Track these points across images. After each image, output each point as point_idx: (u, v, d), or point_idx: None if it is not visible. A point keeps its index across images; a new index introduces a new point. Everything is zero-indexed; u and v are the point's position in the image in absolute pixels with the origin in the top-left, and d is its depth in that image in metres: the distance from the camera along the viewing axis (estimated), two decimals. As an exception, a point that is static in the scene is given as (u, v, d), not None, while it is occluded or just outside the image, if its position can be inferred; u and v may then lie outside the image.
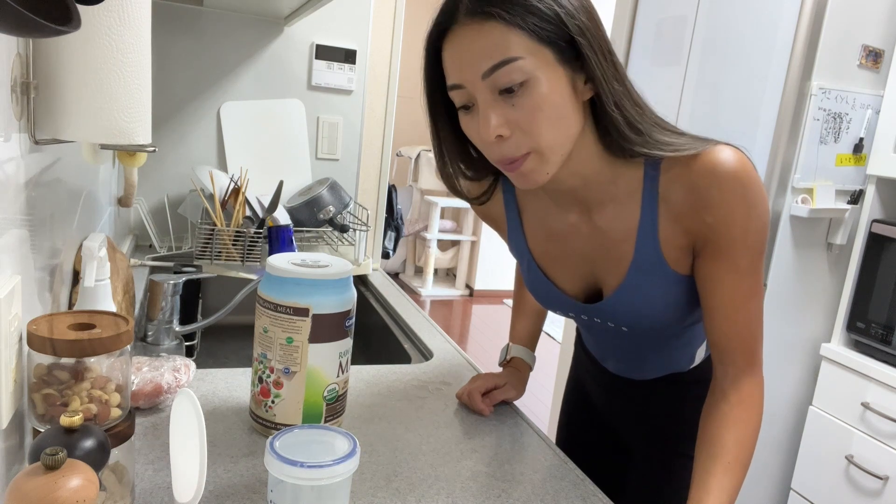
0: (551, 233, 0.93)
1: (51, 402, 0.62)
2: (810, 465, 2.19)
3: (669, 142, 0.78)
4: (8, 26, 0.46)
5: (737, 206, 0.77)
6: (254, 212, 1.69)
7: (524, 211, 0.95)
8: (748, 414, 0.82)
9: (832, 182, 2.10)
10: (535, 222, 0.95)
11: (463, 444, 0.93)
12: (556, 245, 0.93)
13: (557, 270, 0.94)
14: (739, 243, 0.79)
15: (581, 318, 0.96)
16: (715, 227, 0.79)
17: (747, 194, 0.77)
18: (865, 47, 2.03)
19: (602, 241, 0.88)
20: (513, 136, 0.75)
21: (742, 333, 0.82)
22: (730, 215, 0.78)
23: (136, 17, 0.69)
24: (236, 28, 1.89)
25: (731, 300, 0.81)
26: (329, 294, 0.84)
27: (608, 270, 0.89)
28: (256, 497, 0.75)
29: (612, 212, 0.85)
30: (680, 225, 0.81)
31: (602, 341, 1.07)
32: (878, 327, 2.03)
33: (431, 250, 5.37)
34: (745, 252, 0.80)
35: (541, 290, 0.97)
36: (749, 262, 0.80)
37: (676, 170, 0.79)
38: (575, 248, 0.91)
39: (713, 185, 0.77)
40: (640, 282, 0.86)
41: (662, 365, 1.02)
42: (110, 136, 0.70)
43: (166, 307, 1.21)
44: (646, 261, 0.84)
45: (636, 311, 0.88)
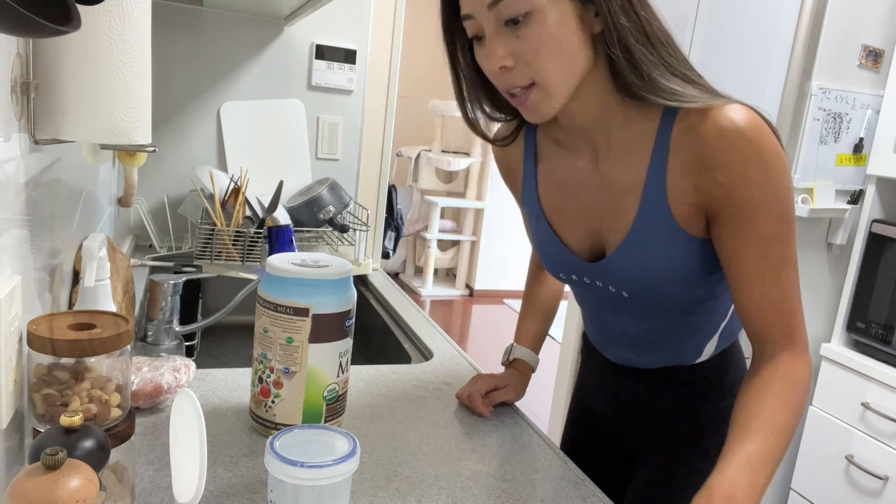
0: (561, 184, 0.91)
1: (51, 402, 0.62)
2: (810, 465, 2.19)
3: (676, 91, 0.75)
4: (8, 26, 0.46)
5: (750, 166, 0.73)
6: (254, 212, 1.69)
7: (541, 161, 0.94)
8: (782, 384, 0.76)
9: (832, 182, 2.10)
10: (548, 173, 0.93)
11: (463, 444, 0.93)
12: (565, 197, 0.91)
13: (565, 226, 0.92)
14: (759, 206, 0.75)
15: (584, 283, 0.94)
16: (729, 188, 0.75)
17: (761, 153, 0.73)
18: (865, 47, 2.03)
19: (609, 192, 0.85)
20: (516, 67, 0.75)
21: (776, 307, 0.77)
22: (744, 175, 0.74)
23: (136, 17, 0.69)
24: (236, 28, 1.89)
25: (759, 270, 0.76)
26: (329, 294, 0.84)
27: (613, 226, 0.86)
28: (256, 497, 0.75)
29: (621, 160, 0.83)
30: (690, 181, 0.78)
31: (603, 319, 1.02)
32: (878, 327, 2.03)
33: (431, 250, 5.37)
34: (768, 216, 0.75)
35: (547, 247, 0.95)
36: (775, 228, 0.75)
37: (689, 122, 0.76)
38: (582, 200, 0.89)
39: (722, 143, 0.74)
40: (643, 237, 0.82)
41: (666, 351, 0.97)
42: (110, 136, 0.70)
43: (166, 307, 1.21)
44: (651, 213, 0.81)
45: (638, 270, 0.84)
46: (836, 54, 2.00)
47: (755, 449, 0.72)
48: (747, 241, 0.76)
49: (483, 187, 5.47)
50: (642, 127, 0.80)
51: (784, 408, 0.75)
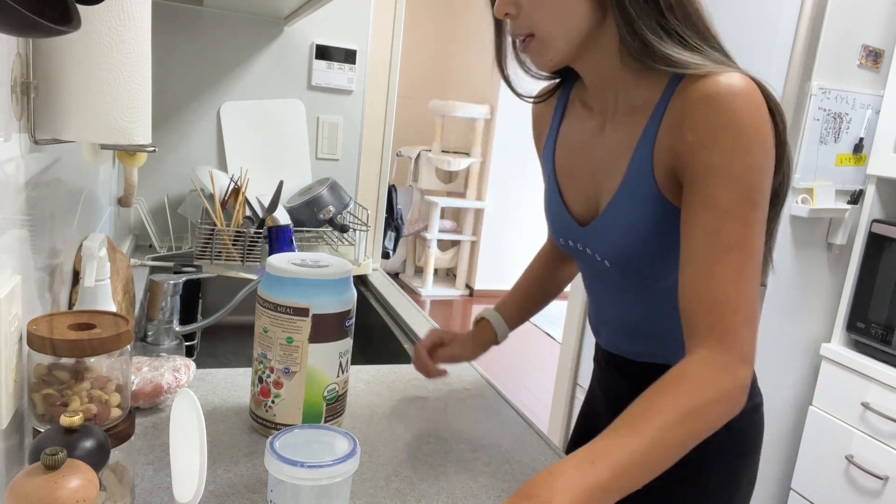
0: (574, 144, 0.91)
1: (51, 402, 0.62)
2: (810, 465, 2.19)
3: (673, 57, 0.73)
4: (8, 26, 0.46)
5: (721, 130, 0.69)
6: (254, 212, 1.69)
7: (564, 121, 0.95)
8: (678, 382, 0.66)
9: (832, 182, 2.10)
10: (567, 132, 0.94)
11: (463, 444, 0.93)
12: (575, 157, 0.91)
13: (570, 187, 0.92)
14: (721, 174, 0.69)
15: (578, 250, 0.92)
16: (694, 148, 0.71)
17: (737, 120, 0.69)
18: (865, 47, 2.03)
19: (608, 153, 0.84)
20: (518, 16, 0.78)
21: (711, 293, 0.68)
22: (712, 137, 0.70)
23: (136, 17, 0.69)
24: (236, 28, 1.89)
25: (704, 246, 0.69)
26: (329, 294, 0.84)
27: (606, 188, 0.84)
28: (256, 497, 0.75)
29: (624, 122, 0.82)
30: (668, 140, 0.75)
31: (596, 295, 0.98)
32: (878, 327, 2.03)
33: (431, 250, 5.37)
34: (728, 187, 0.69)
35: (551, 208, 0.94)
36: (732, 201, 0.69)
37: (685, 86, 0.74)
38: (587, 161, 0.88)
39: (700, 103, 0.71)
40: (627, 200, 0.80)
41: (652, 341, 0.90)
42: (110, 136, 0.70)
43: (166, 307, 1.21)
44: (636, 176, 0.79)
45: (618, 236, 0.82)
46: (836, 54, 2.00)
47: (604, 445, 0.63)
48: (701, 209, 0.70)
49: (483, 187, 5.47)
50: (649, 91, 0.79)
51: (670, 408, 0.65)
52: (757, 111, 0.70)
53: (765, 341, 2.13)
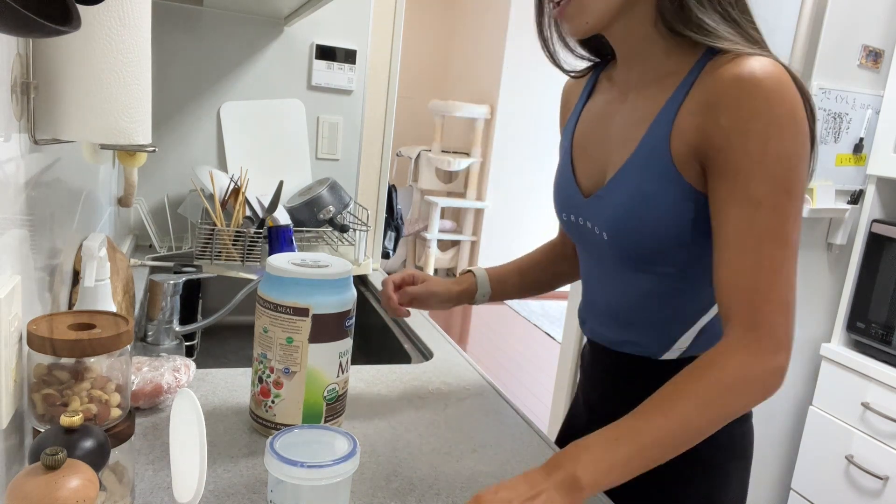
0: (595, 117, 0.91)
1: (51, 402, 0.62)
2: (810, 465, 2.19)
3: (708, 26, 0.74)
4: (8, 26, 0.46)
5: (756, 117, 0.69)
6: (254, 212, 1.69)
7: (593, 94, 0.95)
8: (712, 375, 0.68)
9: (832, 182, 2.10)
10: (590, 108, 0.94)
11: (463, 444, 0.93)
12: (590, 129, 0.91)
13: (582, 158, 0.92)
14: (756, 163, 0.69)
15: (578, 225, 0.91)
16: (728, 133, 0.71)
17: (772, 107, 0.69)
18: (865, 47, 2.03)
19: (625, 122, 0.84)
20: None
21: (745, 283, 0.69)
22: (747, 124, 0.69)
23: (136, 18, 0.69)
24: (236, 28, 1.89)
25: (739, 237, 0.70)
26: (329, 294, 0.84)
27: (616, 157, 0.84)
28: (256, 497, 0.75)
29: (646, 92, 0.82)
30: (696, 120, 0.75)
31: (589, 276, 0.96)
32: (878, 327, 2.03)
33: (431, 250, 5.37)
34: (763, 177, 0.69)
35: (560, 179, 0.94)
36: (769, 194, 0.69)
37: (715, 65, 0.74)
38: (603, 131, 0.88)
39: (734, 85, 0.71)
40: (637, 170, 0.79)
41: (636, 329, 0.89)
42: (110, 136, 0.70)
43: (166, 307, 1.21)
44: (651, 146, 0.78)
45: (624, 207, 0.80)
46: (836, 54, 2.00)
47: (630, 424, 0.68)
48: (735, 200, 0.70)
49: (483, 187, 5.47)
50: (677, 64, 0.79)
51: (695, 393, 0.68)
52: (793, 99, 0.70)
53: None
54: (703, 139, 0.74)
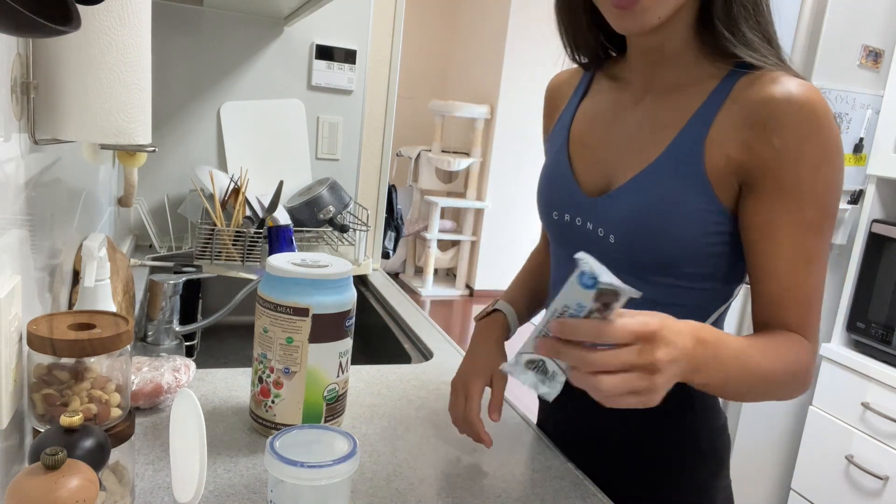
0: (595, 116, 0.90)
1: (51, 402, 0.62)
2: (810, 465, 2.19)
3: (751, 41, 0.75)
4: (8, 26, 0.46)
5: (810, 142, 0.70)
6: (254, 212, 1.69)
7: (588, 96, 0.93)
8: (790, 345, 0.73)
9: (832, 182, 2.10)
10: (589, 106, 0.92)
11: (463, 444, 0.93)
12: (595, 128, 0.89)
13: (582, 157, 0.89)
14: (807, 188, 0.71)
15: (573, 225, 0.88)
16: (782, 156, 0.71)
17: (823, 135, 0.71)
18: (865, 47, 2.03)
19: (643, 127, 0.82)
20: None
21: (798, 302, 0.74)
22: (800, 148, 0.71)
23: (136, 18, 0.69)
24: (236, 28, 1.89)
25: (790, 260, 0.73)
26: (329, 294, 0.84)
27: (631, 160, 0.82)
28: (256, 497, 0.75)
29: (671, 98, 0.81)
30: (740, 135, 0.74)
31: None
32: (878, 327, 2.02)
33: (431, 250, 5.38)
34: (813, 202, 0.71)
35: (554, 175, 0.91)
36: (816, 217, 0.72)
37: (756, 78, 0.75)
38: (610, 132, 0.86)
39: (788, 106, 0.71)
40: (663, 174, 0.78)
41: None
42: (110, 136, 0.70)
43: (166, 307, 1.21)
44: (681, 153, 0.77)
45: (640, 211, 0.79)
46: (836, 54, 2.00)
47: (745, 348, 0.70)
48: (785, 224, 0.73)
49: (483, 187, 5.47)
50: (706, 74, 0.79)
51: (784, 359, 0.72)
52: (835, 127, 0.72)
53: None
54: (753, 157, 0.74)
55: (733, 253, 0.79)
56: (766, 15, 0.77)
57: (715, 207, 0.76)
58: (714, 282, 0.82)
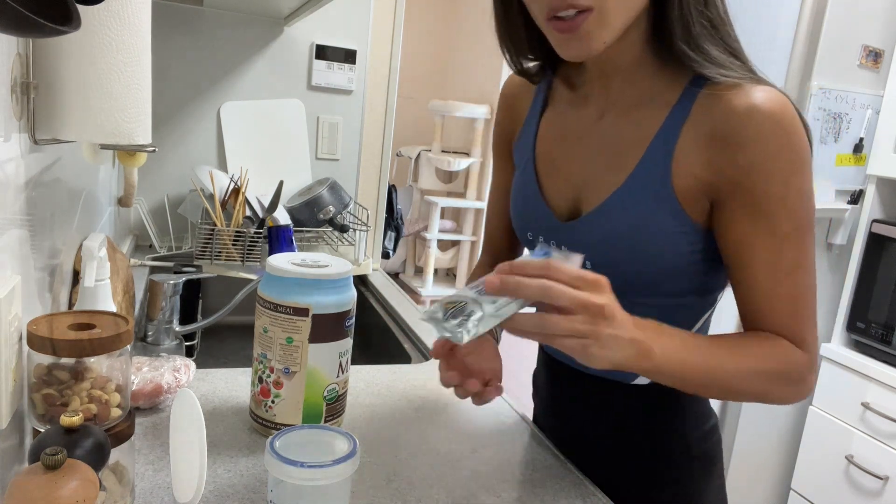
0: (563, 133, 0.86)
1: (51, 402, 0.62)
2: (810, 465, 2.19)
3: (718, 58, 0.71)
4: (8, 26, 0.46)
5: (778, 155, 0.68)
6: (254, 212, 1.69)
7: (550, 105, 0.89)
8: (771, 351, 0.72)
9: (832, 182, 2.10)
10: (553, 119, 0.88)
11: (463, 444, 0.93)
12: (561, 146, 0.85)
13: (551, 177, 0.86)
14: (780, 202, 0.69)
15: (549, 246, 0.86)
16: (749, 173, 0.69)
17: (792, 144, 0.68)
18: (865, 47, 2.03)
19: (609, 146, 0.79)
20: None
21: (785, 312, 0.72)
22: (768, 163, 0.68)
23: (136, 17, 0.69)
24: (236, 28, 1.89)
25: (769, 271, 0.71)
26: (329, 294, 0.84)
27: (600, 182, 0.79)
28: (256, 497, 0.75)
29: (633, 115, 0.78)
30: (704, 154, 0.72)
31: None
32: (878, 327, 2.02)
33: (431, 250, 5.38)
34: (788, 216, 0.70)
35: (524, 197, 0.88)
36: (792, 229, 0.70)
37: (717, 90, 0.72)
38: (577, 151, 0.83)
39: (750, 120, 0.68)
40: (632, 198, 0.76)
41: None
42: (110, 136, 0.70)
43: (166, 307, 1.21)
44: (649, 175, 0.75)
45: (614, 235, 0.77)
46: (836, 54, 2.00)
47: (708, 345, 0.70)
48: (760, 239, 0.71)
49: (483, 187, 5.46)
50: (667, 85, 0.76)
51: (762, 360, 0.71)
52: (802, 132, 0.70)
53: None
54: (718, 176, 0.72)
55: (712, 265, 0.78)
56: (728, 28, 0.74)
57: (688, 227, 0.75)
58: (695, 294, 0.81)
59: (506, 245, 1.06)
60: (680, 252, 0.76)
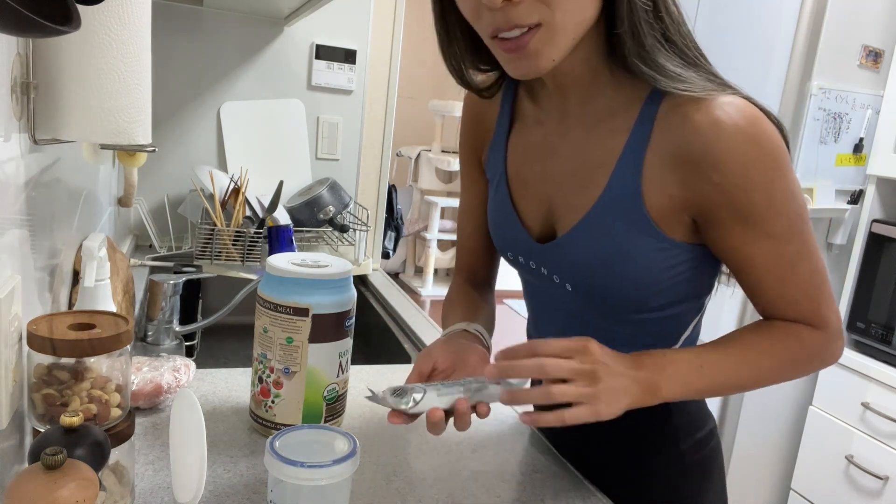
0: (530, 149, 0.83)
1: (51, 402, 0.62)
2: (810, 465, 2.19)
3: (673, 71, 0.67)
4: (8, 26, 0.46)
5: (752, 168, 0.67)
6: (254, 212, 1.69)
7: (517, 119, 0.86)
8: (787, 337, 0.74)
9: (832, 182, 2.10)
10: (521, 136, 0.84)
11: (463, 444, 0.93)
12: (531, 163, 0.83)
13: (524, 196, 0.84)
14: (766, 209, 0.69)
15: (530, 268, 0.85)
16: (726, 190, 0.68)
17: (762, 152, 0.67)
18: (865, 47, 2.03)
19: (577, 164, 0.77)
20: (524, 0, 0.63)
21: (799, 301, 0.73)
22: (744, 178, 0.67)
23: (136, 17, 0.69)
24: (236, 28, 1.89)
25: (773, 272, 0.72)
26: (329, 294, 0.84)
27: (572, 203, 0.77)
28: (256, 497, 0.75)
29: (596, 131, 0.75)
30: (676, 174, 0.70)
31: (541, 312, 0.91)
32: (878, 327, 2.02)
33: (431, 250, 5.38)
34: (778, 217, 0.69)
35: (500, 218, 0.86)
36: (786, 226, 0.70)
37: (678, 104, 0.69)
38: (547, 168, 0.80)
39: (717, 138, 0.66)
40: (603, 219, 0.74)
41: None
42: (110, 136, 0.70)
43: (166, 307, 1.21)
44: (619, 195, 0.73)
45: (589, 256, 0.76)
46: (836, 54, 2.00)
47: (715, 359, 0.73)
48: (756, 244, 0.71)
49: (483, 187, 5.46)
50: (627, 100, 0.73)
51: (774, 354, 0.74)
52: (772, 134, 0.68)
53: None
54: (694, 194, 0.70)
55: (696, 273, 0.77)
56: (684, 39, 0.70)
57: (666, 244, 0.73)
58: (683, 304, 0.81)
59: (480, 265, 1.01)
60: (660, 269, 0.75)
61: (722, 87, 0.69)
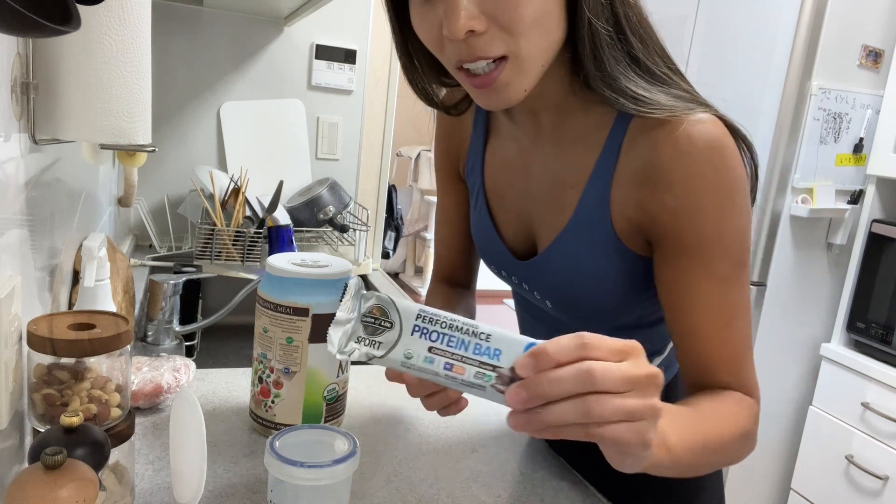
0: (507, 164, 0.82)
1: (51, 402, 0.62)
2: (810, 465, 2.19)
3: (637, 94, 0.64)
4: (8, 26, 0.46)
5: (706, 194, 0.63)
6: (254, 212, 1.69)
7: (492, 132, 0.84)
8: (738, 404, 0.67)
9: (832, 182, 2.11)
10: (497, 150, 0.83)
11: (463, 444, 0.93)
12: (509, 179, 0.82)
13: (503, 212, 0.84)
14: (714, 243, 0.65)
15: (513, 282, 0.85)
16: (677, 215, 0.65)
17: (721, 180, 0.63)
18: (865, 47, 2.04)
19: (550, 183, 0.76)
20: (488, 31, 0.60)
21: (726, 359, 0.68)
22: (697, 204, 0.64)
23: (136, 18, 0.69)
24: (236, 28, 1.89)
25: (710, 319, 0.67)
26: (329, 294, 0.84)
27: (548, 221, 0.77)
28: (256, 497, 0.75)
29: (568, 150, 0.74)
30: (635, 194, 0.68)
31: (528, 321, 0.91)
32: (878, 327, 2.03)
33: (431, 250, 5.37)
34: (724, 255, 0.66)
35: (482, 234, 0.86)
36: (730, 269, 0.66)
37: (645, 125, 0.67)
38: (524, 186, 0.80)
39: (676, 159, 0.64)
40: (575, 240, 0.73)
41: None
42: (110, 136, 0.70)
43: (166, 307, 1.21)
44: (588, 216, 0.72)
45: (564, 275, 0.75)
46: (836, 54, 2.00)
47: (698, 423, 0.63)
48: (698, 282, 0.66)
49: (483, 187, 5.46)
50: (597, 119, 0.71)
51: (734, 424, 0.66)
52: (735, 162, 0.65)
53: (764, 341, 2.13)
54: (646, 217, 0.68)
55: None
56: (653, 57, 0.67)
57: (639, 264, 0.72)
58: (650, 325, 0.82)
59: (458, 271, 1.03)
60: (636, 285, 0.73)
61: (690, 106, 0.66)
